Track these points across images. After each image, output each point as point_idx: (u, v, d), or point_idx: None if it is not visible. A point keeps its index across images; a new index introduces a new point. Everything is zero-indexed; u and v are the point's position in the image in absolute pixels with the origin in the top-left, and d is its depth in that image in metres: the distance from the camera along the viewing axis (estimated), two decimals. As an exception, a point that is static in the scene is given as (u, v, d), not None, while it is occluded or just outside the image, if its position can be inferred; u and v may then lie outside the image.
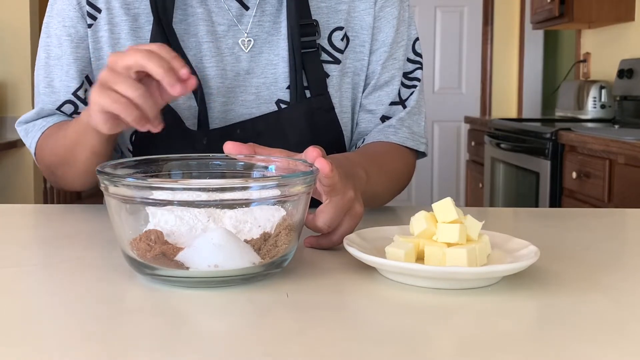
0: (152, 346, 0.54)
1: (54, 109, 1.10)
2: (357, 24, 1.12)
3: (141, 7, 1.07)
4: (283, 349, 0.53)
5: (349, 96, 1.13)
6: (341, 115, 1.12)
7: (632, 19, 3.63)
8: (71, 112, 1.10)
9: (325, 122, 1.09)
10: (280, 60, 1.08)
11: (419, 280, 0.68)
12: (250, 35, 1.08)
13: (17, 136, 3.60)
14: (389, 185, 1.08)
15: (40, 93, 1.11)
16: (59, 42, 1.08)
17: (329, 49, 1.11)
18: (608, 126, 3.39)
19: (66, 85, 1.09)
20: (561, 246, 0.87)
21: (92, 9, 1.07)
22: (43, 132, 1.10)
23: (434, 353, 0.53)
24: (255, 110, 1.08)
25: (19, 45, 3.58)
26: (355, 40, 1.12)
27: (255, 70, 1.08)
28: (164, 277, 0.67)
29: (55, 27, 1.09)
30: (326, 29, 1.10)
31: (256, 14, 1.08)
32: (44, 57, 1.10)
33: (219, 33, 1.08)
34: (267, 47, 1.09)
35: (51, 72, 1.09)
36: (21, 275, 0.73)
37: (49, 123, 1.10)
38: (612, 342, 0.55)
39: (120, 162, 0.77)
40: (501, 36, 5.30)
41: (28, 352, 0.53)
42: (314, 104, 1.08)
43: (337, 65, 1.11)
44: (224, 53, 1.08)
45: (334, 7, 1.11)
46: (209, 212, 0.67)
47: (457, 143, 5.42)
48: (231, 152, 0.78)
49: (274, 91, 1.08)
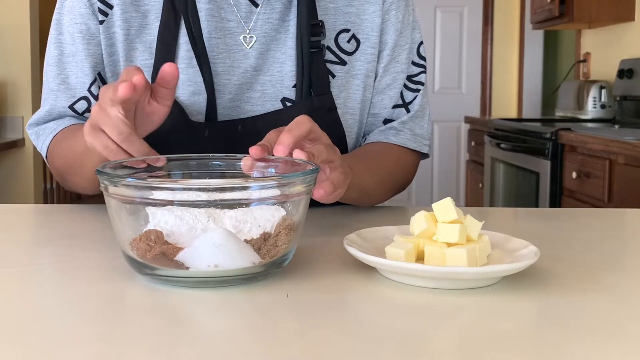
0: (152, 346, 0.54)
1: (66, 107, 1.10)
2: (368, 26, 1.13)
3: (150, 4, 1.08)
4: (283, 349, 0.53)
5: (358, 98, 1.13)
6: (346, 116, 1.12)
7: (632, 19, 3.63)
8: (84, 109, 1.10)
9: (326, 122, 1.09)
10: (288, 59, 1.09)
11: (419, 280, 0.68)
12: (256, 33, 1.08)
13: (17, 136, 3.60)
14: (378, 182, 1.09)
15: (52, 90, 1.11)
16: (72, 39, 1.09)
17: (335, 50, 1.11)
18: (608, 126, 3.39)
19: (81, 82, 1.09)
20: (561, 246, 0.87)
21: (104, 5, 1.07)
22: (54, 135, 1.10)
23: (434, 353, 0.53)
24: (260, 108, 1.09)
25: (19, 45, 3.57)
26: (366, 43, 1.13)
27: (263, 68, 1.09)
28: (164, 277, 0.67)
29: (67, 24, 1.09)
30: (333, 30, 1.11)
31: (265, 11, 1.09)
32: (56, 54, 1.10)
33: (227, 29, 1.08)
34: (275, 45, 1.09)
35: (65, 68, 1.10)
36: (21, 275, 0.73)
37: (59, 126, 1.10)
38: (612, 342, 0.55)
39: (120, 162, 0.77)
40: (501, 36, 5.30)
41: (28, 352, 0.53)
42: (315, 104, 1.08)
43: (343, 67, 1.12)
44: (232, 49, 1.08)
45: (341, 9, 1.12)
46: (209, 212, 0.67)
47: (457, 143, 5.43)
48: (257, 154, 0.78)
49: (279, 89, 1.09)
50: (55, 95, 1.10)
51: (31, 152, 3.64)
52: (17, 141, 3.55)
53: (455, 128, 5.38)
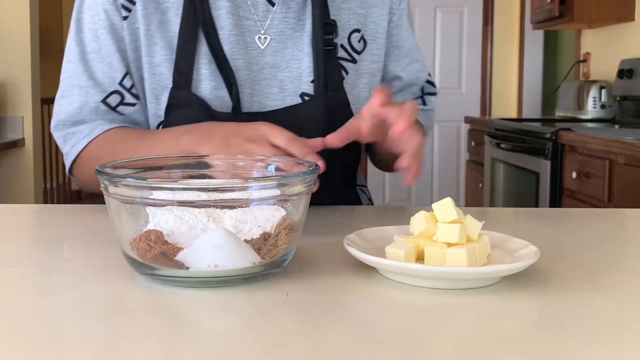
0: (152, 346, 0.54)
1: (98, 101, 1.10)
2: (374, 28, 1.19)
3: (170, 1, 1.10)
4: (283, 349, 0.53)
5: (365, 95, 1.19)
6: (356, 112, 1.15)
7: (632, 19, 3.63)
8: (117, 103, 1.11)
9: (341, 117, 1.13)
10: (305, 55, 1.13)
11: (419, 280, 0.68)
12: (270, 32, 1.12)
13: (17, 136, 3.60)
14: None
15: (81, 86, 1.11)
16: (94, 36, 1.10)
17: (348, 48, 1.17)
18: (608, 126, 3.39)
19: (110, 77, 1.10)
20: (561, 246, 0.87)
21: (127, 1, 1.09)
22: (90, 140, 1.09)
23: (434, 353, 0.53)
24: (279, 103, 1.12)
25: (19, 45, 3.57)
26: (372, 44, 1.19)
27: (280, 64, 1.13)
28: (164, 277, 0.67)
29: (88, 21, 1.10)
30: (346, 29, 1.17)
31: (281, 10, 1.13)
32: (78, 51, 1.11)
33: (245, 27, 1.11)
34: (292, 43, 1.13)
35: (90, 65, 1.11)
36: (21, 275, 0.73)
37: (93, 132, 1.10)
38: (612, 342, 0.55)
39: (121, 162, 0.77)
40: (501, 36, 5.30)
41: (28, 352, 0.53)
42: (330, 99, 1.13)
43: (354, 65, 1.18)
44: (250, 47, 1.12)
45: (353, 9, 1.18)
46: (209, 212, 0.67)
47: (457, 143, 5.43)
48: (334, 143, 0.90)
49: (298, 85, 1.13)
50: (85, 91, 1.11)
51: (31, 152, 3.64)
52: (17, 141, 3.55)
53: (455, 128, 5.38)
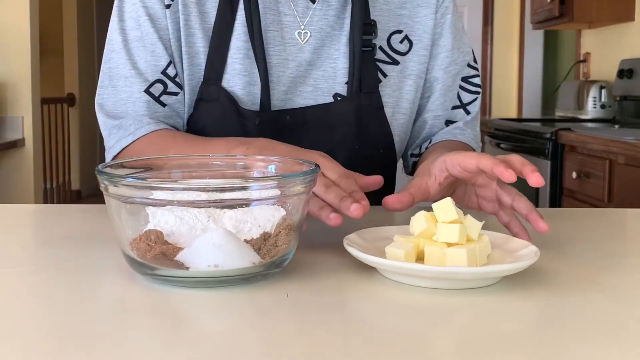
0: (152, 346, 0.54)
1: (142, 91, 1.08)
2: (420, 28, 1.17)
3: None
4: (283, 349, 0.53)
5: (410, 98, 1.17)
6: (398, 115, 1.15)
7: (632, 19, 3.63)
8: (160, 92, 1.09)
9: (372, 119, 1.12)
10: (341, 55, 1.12)
11: (419, 280, 0.68)
12: (311, 28, 1.11)
13: (17, 136, 3.60)
14: None
15: (125, 77, 1.09)
16: (136, 24, 1.09)
17: (387, 50, 1.15)
18: (608, 126, 3.39)
19: (153, 65, 1.09)
20: (561, 246, 0.87)
21: None
22: (133, 141, 1.06)
23: (434, 353, 0.53)
24: (312, 102, 1.11)
25: (19, 45, 3.57)
26: (419, 44, 1.17)
27: (316, 63, 1.11)
28: (164, 277, 0.67)
29: (130, 10, 1.10)
30: (386, 30, 1.15)
31: (322, 7, 1.12)
32: (120, 40, 1.10)
33: (284, 23, 1.10)
34: (329, 41, 1.12)
35: (133, 54, 1.09)
36: (21, 275, 0.73)
37: (138, 131, 1.06)
38: (612, 342, 0.55)
39: (120, 162, 0.77)
40: (501, 36, 5.30)
41: (28, 352, 0.53)
42: (363, 101, 1.11)
43: (396, 67, 1.15)
44: (288, 43, 1.10)
45: (394, 10, 1.16)
46: (209, 212, 0.67)
47: (457, 143, 5.41)
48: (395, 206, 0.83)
49: (332, 84, 1.12)
50: (129, 81, 1.09)
51: (31, 152, 3.64)
52: (17, 141, 3.55)
53: (455, 128, 5.37)
